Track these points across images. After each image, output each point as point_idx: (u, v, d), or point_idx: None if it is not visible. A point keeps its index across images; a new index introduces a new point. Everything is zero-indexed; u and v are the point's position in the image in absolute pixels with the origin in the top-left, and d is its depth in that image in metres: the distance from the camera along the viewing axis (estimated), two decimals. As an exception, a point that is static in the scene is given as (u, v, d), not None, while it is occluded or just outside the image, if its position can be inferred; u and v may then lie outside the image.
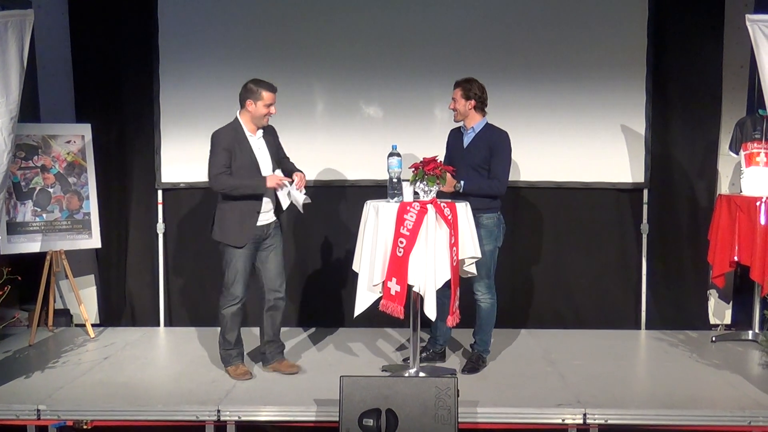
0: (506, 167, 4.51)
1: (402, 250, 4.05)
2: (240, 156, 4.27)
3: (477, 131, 4.54)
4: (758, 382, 4.36)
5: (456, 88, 4.52)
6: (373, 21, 5.55)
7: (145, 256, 5.76)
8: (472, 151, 4.52)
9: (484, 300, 4.57)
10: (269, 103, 4.29)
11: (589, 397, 4.06)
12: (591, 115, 5.57)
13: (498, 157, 4.46)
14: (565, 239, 5.72)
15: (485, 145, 4.49)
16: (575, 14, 5.54)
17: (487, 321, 4.61)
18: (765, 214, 4.97)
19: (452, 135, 4.74)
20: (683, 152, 5.66)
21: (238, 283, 4.39)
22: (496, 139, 4.49)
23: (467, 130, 4.57)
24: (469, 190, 4.42)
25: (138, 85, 5.63)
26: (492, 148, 4.47)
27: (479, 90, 4.49)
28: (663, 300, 5.71)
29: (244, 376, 4.41)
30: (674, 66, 5.58)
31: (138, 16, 5.57)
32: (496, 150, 4.46)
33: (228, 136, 4.28)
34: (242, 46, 5.57)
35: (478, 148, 4.50)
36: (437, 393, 3.52)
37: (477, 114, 4.53)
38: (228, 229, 4.34)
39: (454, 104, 4.54)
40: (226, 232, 4.35)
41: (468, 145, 4.56)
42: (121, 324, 5.71)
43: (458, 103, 4.51)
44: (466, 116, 4.53)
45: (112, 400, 4.05)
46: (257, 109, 4.27)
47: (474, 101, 4.48)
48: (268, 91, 4.27)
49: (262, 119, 4.32)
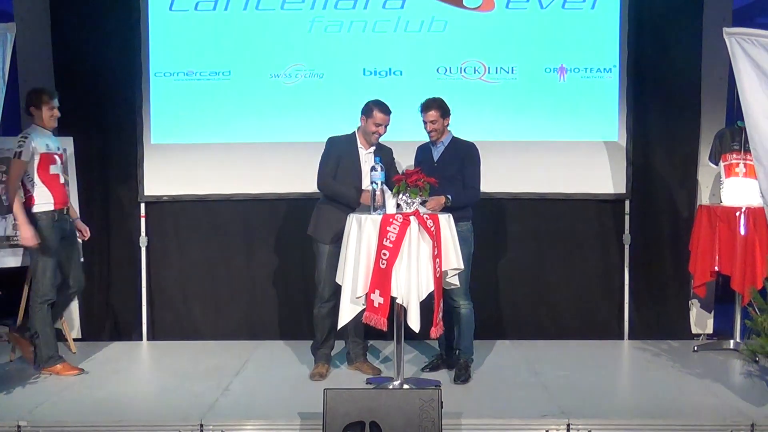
0: (479, 176, 4.70)
1: (385, 262, 4.05)
2: (347, 163, 4.63)
3: (446, 144, 4.72)
4: (740, 391, 4.39)
5: (431, 110, 4.64)
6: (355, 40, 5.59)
7: (128, 269, 5.73)
8: (444, 164, 4.67)
9: (463, 306, 4.64)
10: (379, 123, 4.59)
11: (573, 408, 4.07)
12: (573, 127, 5.62)
13: (471, 168, 4.66)
14: (548, 250, 5.75)
15: (456, 156, 4.67)
16: (556, 29, 5.59)
17: (468, 327, 4.67)
18: (745, 225, 5.03)
19: (421, 150, 4.87)
20: (664, 163, 5.72)
21: (324, 284, 4.66)
22: (466, 151, 4.69)
23: (436, 144, 4.73)
24: (456, 203, 4.51)
25: (121, 97, 5.62)
26: (463, 159, 4.65)
27: (448, 106, 4.69)
28: (645, 310, 5.75)
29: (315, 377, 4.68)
30: (654, 78, 5.65)
31: (122, 28, 5.57)
32: (467, 160, 4.66)
33: (341, 144, 4.69)
34: (227, 61, 5.57)
35: (449, 161, 4.66)
36: (421, 405, 3.51)
37: (446, 129, 4.72)
38: (319, 226, 4.70)
39: (433, 125, 4.65)
40: (317, 228, 4.71)
41: (438, 158, 4.71)
42: (103, 338, 5.66)
43: (437, 122, 4.64)
44: (444, 134, 4.69)
45: (93, 415, 4.01)
46: (367, 125, 4.62)
47: (449, 118, 4.67)
48: (380, 113, 4.59)
49: (371, 136, 4.63)
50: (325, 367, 4.76)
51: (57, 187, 4.73)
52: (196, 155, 5.55)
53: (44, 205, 4.66)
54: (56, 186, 4.72)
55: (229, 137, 5.55)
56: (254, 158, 5.57)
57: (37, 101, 4.68)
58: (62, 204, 4.76)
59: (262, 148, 5.54)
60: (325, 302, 4.67)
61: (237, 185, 5.61)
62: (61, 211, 4.74)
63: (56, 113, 4.73)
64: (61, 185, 4.78)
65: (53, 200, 4.69)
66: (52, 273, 4.68)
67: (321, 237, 4.67)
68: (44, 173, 4.66)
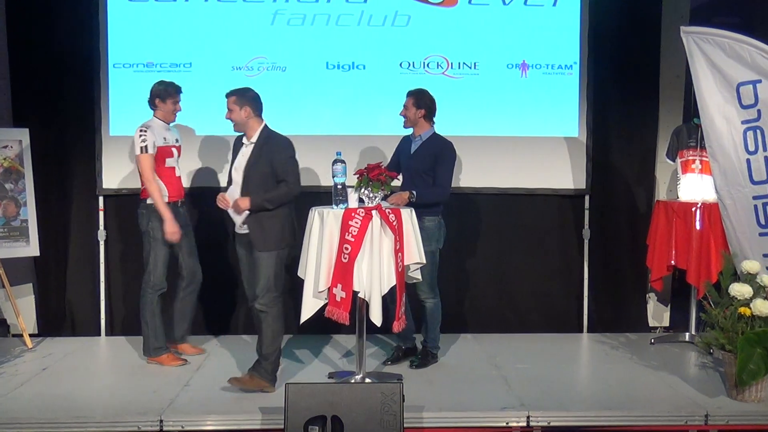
0: (449, 175, 4.68)
1: (347, 256, 4.05)
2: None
3: (424, 140, 4.71)
4: (694, 382, 4.49)
5: (409, 97, 4.71)
6: (318, 34, 5.57)
7: (86, 264, 5.64)
8: (418, 158, 4.68)
9: (429, 300, 4.70)
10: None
11: (533, 400, 4.12)
12: (534, 123, 5.67)
13: (442, 166, 4.64)
14: (509, 244, 5.80)
15: (430, 153, 4.65)
16: (518, 25, 5.64)
17: (433, 320, 4.75)
18: (700, 220, 5.13)
19: (403, 141, 4.89)
20: (623, 160, 5.81)
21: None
22: (441, 149, 4.67)
23: (415, 138, 4.74)
24: (420, 199, 4.53)
25: (79, 89, 5.51)
26: (437, 156, 4.63)
27: (430, 101, 4.70)
28: (604, 303, 5.84)
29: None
30: (614, 76, 5.73)
31: (80, 18, 5.46)
32: (440, 159, 4.64)
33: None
34: (188, 52, 5.51)
35: (423, 156, 4.66)
36: (383, 399, 3.52)
37: (426, 123, 4.72)
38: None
39: (405, 111, 4.70)
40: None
41: (414, 152, 4.72)
42: (61, 334, 5.57)
43: (409, 110, 4.68)
44: (415, 124, 4.71)
45: (50, 412, 3.94)
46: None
47: (424, 110, 4.67)
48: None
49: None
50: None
51: (172, 180, 4.79)
52: (156, 148, 5.50)
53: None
54: (172, 179, 4.79)
55: (189, 130, 5.49)
56: (214, 151, 5.52)
57: (164, 94, 4.77)
58: (177, 197, 4.81)
59: (222, 141, 5.49)
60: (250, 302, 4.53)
61: (197, 178, 5.55)
62: (175, 204, 4.78)
63: (179, 108, 4.85)
64: (177, 178, 4.84)
65: (167, 193, 4.74)
66: (163, 264, 4.76)
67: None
68: (160, 166, 4.72)
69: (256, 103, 4.36)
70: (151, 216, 4.71)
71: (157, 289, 4.78)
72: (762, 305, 4.05)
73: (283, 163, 4.26)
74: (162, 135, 4.75)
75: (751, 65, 4.50)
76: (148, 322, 4.76)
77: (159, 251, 4.73)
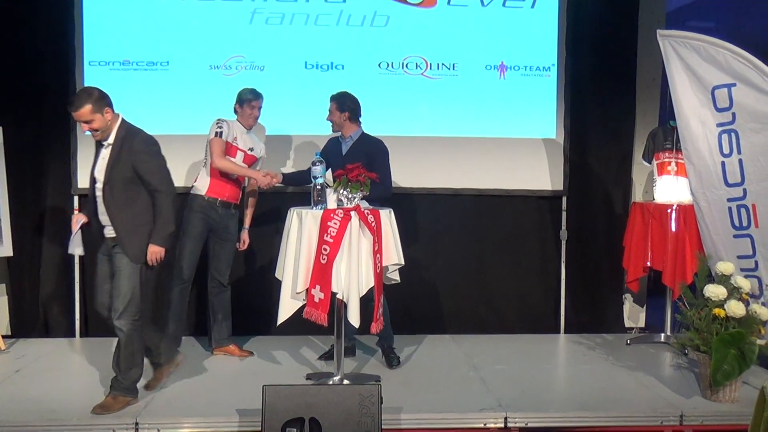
0: (388, 171, 4.73)
1: (326, 257, 4.04)
2: None
3: (354, 140, 4.79)
4: (670, 383, 4.53)
5: (332, 102, 4.80)
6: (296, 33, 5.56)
7: (60, 264, 5.56)
8: (351, 158, 4.66)
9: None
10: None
11: (510, 401, 4.14)
12: (512, 125, 5.69)
13: (378, 163, 4.65)
14: (487, 245, 5.82)
15: (363, 152, 4.70)
16: (496, 27, 5.66)
17: (385, 316, 4.69)
18: (676, 221, 5.18)
19: (330, 143, 4.95)
20: (600, 161, 5.85)
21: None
22: (373, 148, 4.75)
23: (345, 138, 4.81)
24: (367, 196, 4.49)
25: (54, 87, 5.44)
26: (369, 155, 4.67)
27: (352, 102, 4.78)
28: (581, 304, 5.88)
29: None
30: (591, 78, 5.77)
31: (55, 15, 5.40)
32: (374, 157, 4.67)
33: None
34: (165, 51, 5.46)
35: (356, 156, 4.66)
36: (361, 400, 3.51)
37: (352, 124, 4.80)
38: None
39: (330, 116, 4.80)
40: None
41: (346, 152, 4.77)
42: (34, 335, 5.49)
43: (334, 115, 4.78)
44: (342, 127, 4.79)
45: (24, 415, 3.88)
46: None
47: (348, 113, 4.75)
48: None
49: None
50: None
51: (221, 178, 4.80)
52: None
53: (200, 188, 4.82)
54: (220, 176, 4.80)
55: (166, 129, 5.40)
56: (192, 151, 5.46)
57: (241, 99, 4.87)
58: (219, 195, 4.82)
59: (200, 141, 5.44)
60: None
61: (173, 178, 5.48)
62: (214, 201, 4.80)
63: (256, 113, 4.89)
64: (228, 179, 4.83)
65: (208, 188, 4.80)
66: (189, 258, 4.79)
67: None
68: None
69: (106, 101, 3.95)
70: (191, 207, 4.79)
71: (182, 281, 4.81)
72: (736, 306, 4.10)
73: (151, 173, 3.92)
74: (234, 134, 4.81)
75: (725, 69, 4.55)
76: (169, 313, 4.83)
77: (185, 241, 4.78)
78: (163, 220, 3.92)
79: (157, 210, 3.92)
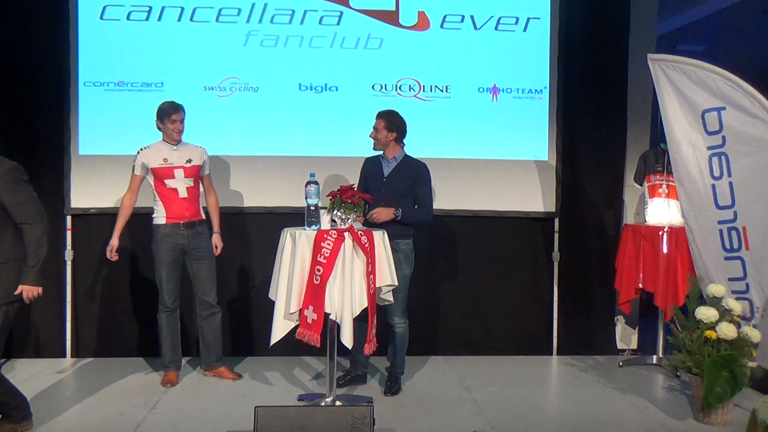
0: (431, 196, 4.70)
1: (319, 278, 4.04)
2: None
3: (398, 161, 4.69)
4: (661, 404, 4.54)
5: (379, 119, 4.67)
6: (291, 55, 5.58)
7: (53, 284, 5.54)
8: (394, 180, 4.64)
9: (399, 325, 4.67)
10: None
11: (503, 423, 4.13)
12: (504, 147, 5.73)
13: (423, 187, 4.65)
14: (480, 267, 5.83)
15: (407, 175, 4.65)
16: (489, 50, 5.71)
17: (402, 345, 4.73)
18: (667, 243, 5.21)
19: (369, 163, 4.83)
20: (592, 183, 5.88)
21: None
22: (418, 171, 4.67)
23: (388, 160, 4.70)
24: (405, 218, 4.53)
25: (48, 107, 5.45)
26: (415, 178, 4.64)
27: (401, 122, 4.67)
28: (573, 326, 5.88)
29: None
30: (583, 101, 5.82)
31: (50, 35, 5.41)
32: (419, 180, 4.65)
33: None
34: (159, 72, 5.49)
35: (399, 178, 4.64)
36: (353, 422, 3.50)
37: (397, 145, 4.69)
38: None
39: (375, 133, 4.67)
40: None
41: (389, 174, 4.68)
42: (25, 355, 5.45)
43: (380, 133, 4.65)
44: (386, 146, 4.68)
45: (13, 436, 3.85)
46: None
47: (396, 133, 4.64)
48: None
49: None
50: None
51: (174, 201, 4.77)
52: (125, 167, 5.39)
53: (159, 218, 4.80)
54: (173, 201, 4.77)
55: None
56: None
57: (161, 114, 4.78)
58: (176, 218, 4.78)
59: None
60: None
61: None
62: (176, 225, 4.77)
63: (178, 127, 4.78)
64: (181, 200, 4.79)
65: (165, 214, 4.77)
66: (167, 284, 4.80)
67: None
68: (161, 188, 4.77)
69: None
70: (155, 238, 4.78)
71: (165, 308, 4.82)
72: (727, 328, 4.12)
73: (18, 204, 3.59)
74: (162, 156, 4.74)
75: (715, 92, 4.60)
76: (161, 338, 4.86)
77: (159, 271, 4.80)
78: (33, 255, 3.61)
79: (26, 245, 3.61)
